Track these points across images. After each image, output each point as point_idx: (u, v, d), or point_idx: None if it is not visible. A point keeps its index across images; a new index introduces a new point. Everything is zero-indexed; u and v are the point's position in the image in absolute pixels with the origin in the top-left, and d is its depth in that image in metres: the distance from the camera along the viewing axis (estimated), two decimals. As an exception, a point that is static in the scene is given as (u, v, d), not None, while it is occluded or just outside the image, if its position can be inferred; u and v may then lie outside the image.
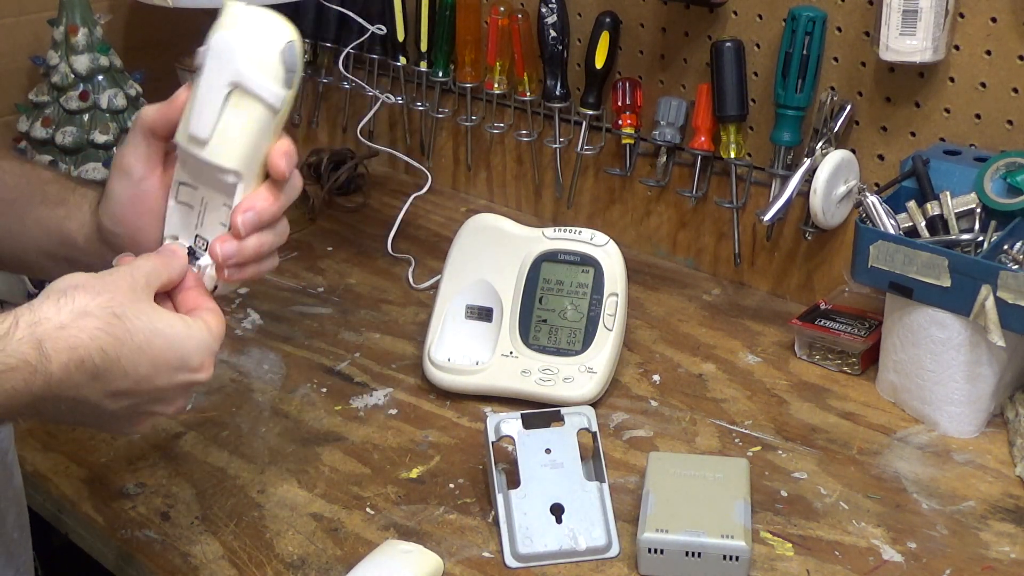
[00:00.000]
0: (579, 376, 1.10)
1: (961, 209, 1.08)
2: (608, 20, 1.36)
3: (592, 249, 1.15)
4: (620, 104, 1.37)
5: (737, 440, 1.07)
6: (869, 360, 1.16)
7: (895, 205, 1.11)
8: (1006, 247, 1.04)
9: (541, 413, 0.98)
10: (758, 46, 1.27)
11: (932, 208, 1.09)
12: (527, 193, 1.56)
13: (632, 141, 1.38)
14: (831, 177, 1.17)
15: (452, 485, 1.00)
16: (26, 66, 1.47)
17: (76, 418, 0.73)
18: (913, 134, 1.18)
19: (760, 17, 1.26)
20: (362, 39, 1.54)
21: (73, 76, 1.37)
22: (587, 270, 1.14)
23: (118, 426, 0.76)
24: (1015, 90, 1.10)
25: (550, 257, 1.15)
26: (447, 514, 0.97)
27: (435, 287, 1.21)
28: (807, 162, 1.20)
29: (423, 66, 1.54)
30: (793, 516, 0.96)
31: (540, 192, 1.54)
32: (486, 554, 0.92)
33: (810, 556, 0.91)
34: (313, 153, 1.66)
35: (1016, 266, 1.01)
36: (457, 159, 1.63)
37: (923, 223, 1.09)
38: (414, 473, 1.02)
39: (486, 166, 1.60)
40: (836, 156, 1.17)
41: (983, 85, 1.12)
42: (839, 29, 1.20)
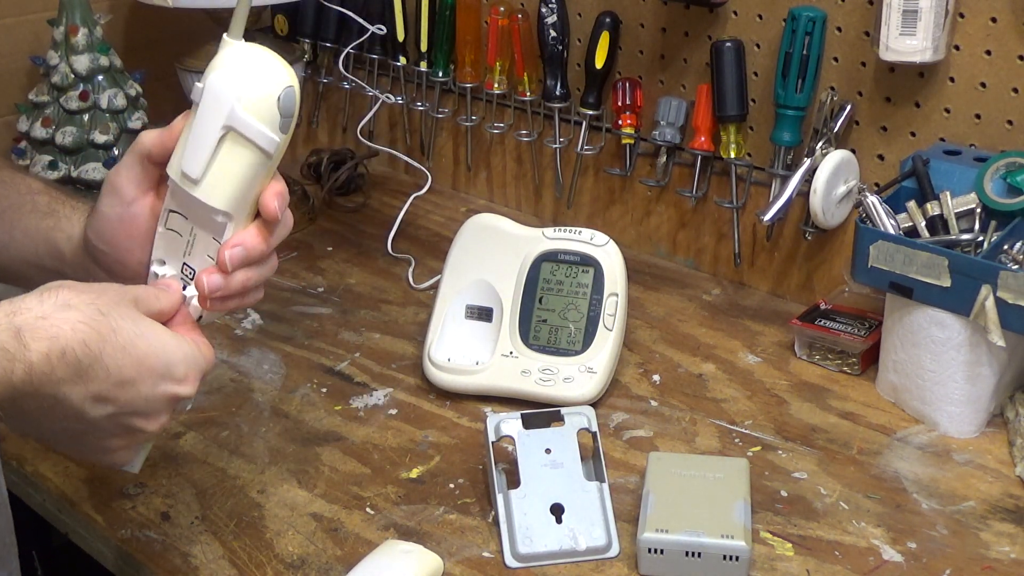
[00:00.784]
0: (579, 376, 1.10)
1: (961, 209, 1.08)
2: (608, 20, 1.36)
3: (592, 249, 1.15)
4: (620, 104, 1.37)
5: (737, 440, 1.07)
6: (869, 360, 1.16)
7: (895, 205, 1.11)
8: (1006, 247, 1.04)
9: (541, 413, 0.98)
10: (758, 46, 1.27)
11: (932, 208, 1.09)
12: (527, 193, 1.56)
13: (632, 141, 1.38)
14: (831, 177, 1.17)
15: (452, 485, 1.00)
16: (26, 66, 1.47)
17: (56, 424, 0.71)
18: (913, 134, 1.18)
19: (760, 17, 1.26)
20: (362, 39, 1.54)
21: (73, 76, 1.37)
22: (587, 270, 1.14)
23: (97, 442, 0.74)
24: (1015, 90, 1.10)
25: (550, 257, 1.15)
26: (447, 514, 0.97)
27: (435, 287, 1.21)
28: (807, 162, 1.20)
29: (423, 66, 1.54)
30: (793, 516, 0.96)
31: (540, 192, 1.54)
32: (486, 554, 0.92)
33: (810, 556, 0.91)
34: (313, 153, 1.66)
35: (1016, 266, 1.01)
36: (457, 159, 1.63)
37: (923, 223, 1.09)
38: (414, 473, 1.02)
39: (486, 166, 1.60)
40: (836, 156, 1.17)
41: (983, 85, 1.12)
42: (839, 29, 1.20)
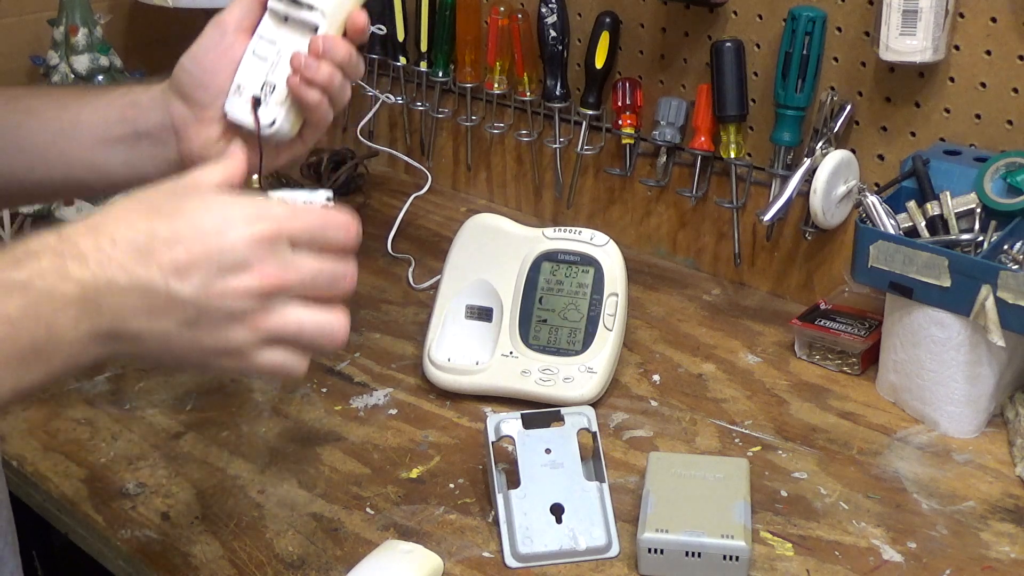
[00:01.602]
0: (579, 376, 1.10)
1: (961, 209, 1.08)
2: (608, 20, 1.36)
3: (592, 249, 1.15)
4: (620, 104, 1.37)
5: (737, 440, 1.07)
6: (869, 360, 1.16)
7: (895, 205, 1.11)
8: (1006, 247, 1.04)
9: (541, 413, 0.98)
10: (758, 46, 1.27)
11: (932, 208, 1.09)
12: (527, 193, 1.56)
13: (632, 141, 1.38)
14: (831, 177, 1.17)
15: (452, 485, 1.00)
16: (26, 66, 1.47)
17: (166, 326, 0.63)
18: (913, 134, 1.18)
19: (760, 17, 1.26)
20: (362, 39, 1.54)
21: (73, 76, 1.37)
22: (587, 270, 1.14)
23: (229, 338, 0.64)
24: (1015, 90, 1.10)
25: (550, 257, 1.15)
26: (447, 514, 0.97)
27: (435, 287, 1.21)
28: (807, 162, 1.20)
29: (423, 66, 1.54)
30: (793, 516, 0.96)
31: (540, 192, 1.54)
32: (486, 554, 0.92)
33: (810, 556, 0.91)
34: (313, 153, 1.65)
35: (1016, 266, 1.01)
36: (457, 159, 1.63)
37: (923, 223, 1.09)
38: (414, 473, 1.02)
39: (486, 166, 1.60)
40: (836, 156, 1.17)
41: (983, 85, 1.12)
42: (839, 29, 1.20)
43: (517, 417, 0.97)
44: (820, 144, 1.20)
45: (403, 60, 1.56)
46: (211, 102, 0.85)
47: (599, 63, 1.37)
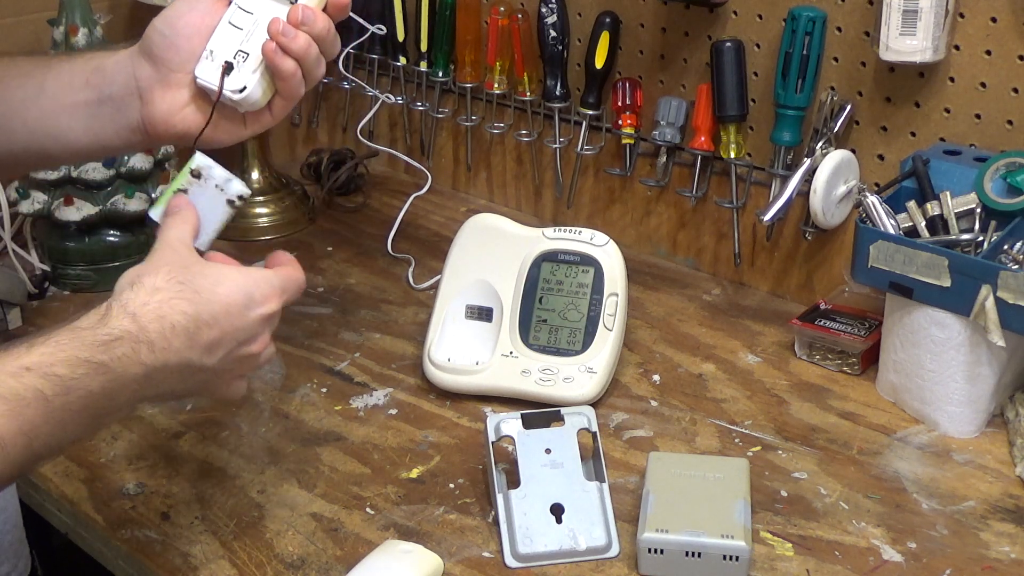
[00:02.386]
0: (579, 376, 1.10)
1: (961, 209, 1.08)
2: (608, 20, 1.36)
3: (592, 249, 1.15)
4: (620, 104, 1.37)
5: (737, 440, 1.07)
6: (869, 360, 1.16)
7: (895, 205, 1.11)
8: (1006, 247, 1.04)
9: (541, 413, 0.98)
10: (758, 46, 1.27)
11: (932, 208, 1.09)
12: (527, 193, 1.56)
13: (632, 141, 1.38)
14: (831, 177, 1.17)
15: (452, 485, 1.00)
16: (26, 66, 1.47)
17: (187, 385, 0.80)
18: (913, 134, 1.18)
19: (760, 17, 1.26)
20: (362, 39, 1.54)
21: (73, 76, 1.37)
22: (587, 270, 1.14)
23: (224, 382, 0.83)
24: (1015, 90, 1.10)
25: (550, 257, 1.15)
26: (447, 514, 0.97)
27: (435, 287, 1.21)
28: (807, 162, 1.20)
29: (423, 66, 1.54)
30: (793, 516, 0.96)
31: (540, 192, 1.54)
32: (486, 554, 0.92)
33: (810, 556, 0.91)
34: (313, 153, 1.66)
35: (1016, 266, 1.01)
36: (457, 159, 1.63)
37: (923, 223, 1.09)
38: (414, 473, 1.02)
39: (486, 166, 1.60)
40: (836, 156, 1.17)
41: (983, 85, 1.12)
42: (839, 29, 1.20)
43: (517, 417, 0.97)
44: (820, 144, 1.21)
45: (403, 60, 1.56)
46: (180, 66, 0.86)
47: (599, 63, 1.37)
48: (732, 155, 1.29)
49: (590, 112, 1.40)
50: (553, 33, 1.38)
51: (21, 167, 1.18)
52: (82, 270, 1.36)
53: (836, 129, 1.21)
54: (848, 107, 1.21)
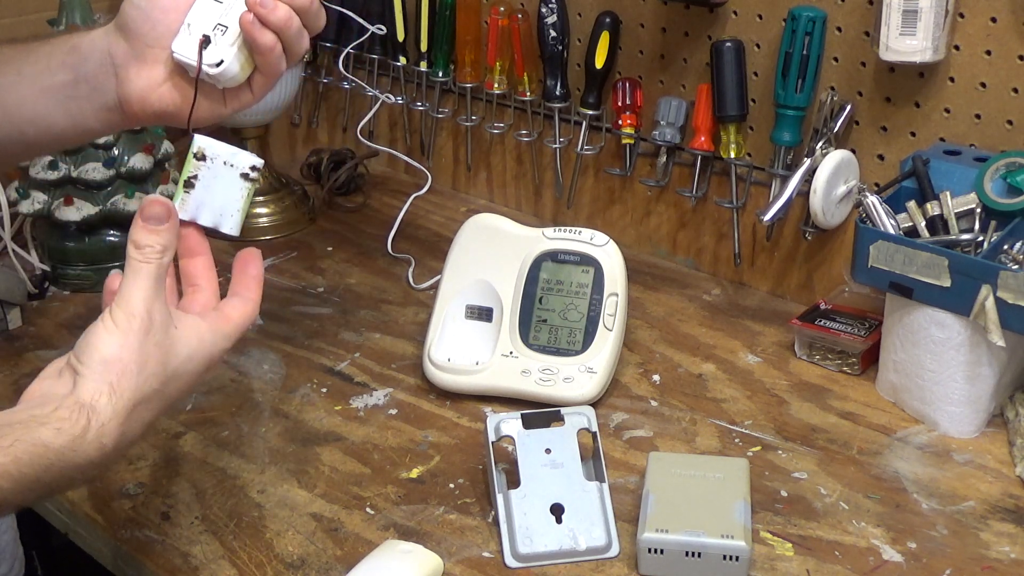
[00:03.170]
0: (579, 376, 1.10)
1: (961, 209, 1.08)
2: (608, 20, 1.36)
3: (592, 249, 1.15)
4: (620, 104, 1.37)
5: (737, 440, 1.07)
6: (869, 360, 1.16)
7: (895, 205, 1.11)
8: (1006, 247, 1.04)
9: (541, 413, 0.98)
10: (758, 46, 1.27)
11: (932, 208, 1.09)
12: (527, 193, 1.56)
13: (632, 141, 1.38)
14: (831, 177, 1.17)
15: (452, 485, 1.00)
16: (26, 66, 1.47)
17: (164, 410, 0.77)
18: (913, 134, 1.18)
19: (760, 17, 1.26)
20: (362, 39, 1.54)
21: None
22: (587, 270, 1.14)
23: (194, 385, 0.80)
24: (1015, 90, 1.10)
25: (550, 257, 1.15)
26: (447, 514, 0.97)
27: (435, 287, 1.21)
28: (807, 162, 1.20)
29: (423, 66, 1.54)
30: (793, 516, 0.96)
31: (540, 192, 1.54)
32: (486, 554, 0.92)
33: (810, 556, 0.91)
34: (313, 153, 1.66)
35: (1016, 266, 1.01)
36: (457, 159, 1.63)
37: (923, 223, 1.09)
38: (414, 473, 1.02)
39: (486, 166, 1.60)
40: (836, 156, 1.17)
41: (983, 85, 1.12)
42: (839, 29, 1.20)
43: (517, 417, 0.97)
44: (820, 144, 1.21)
45: (403, 60, 1.56)
46: (157, 41, 0.83)
47: (599, 63, 1.37)
48: (732, 155, 1.29)
49: (590, 112, 1.40)
50: (553, 33, 1.38)
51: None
52: (82, 270, 1.36)
53: (836, 129, 1.21)
54: (848, 107, 1.21)
